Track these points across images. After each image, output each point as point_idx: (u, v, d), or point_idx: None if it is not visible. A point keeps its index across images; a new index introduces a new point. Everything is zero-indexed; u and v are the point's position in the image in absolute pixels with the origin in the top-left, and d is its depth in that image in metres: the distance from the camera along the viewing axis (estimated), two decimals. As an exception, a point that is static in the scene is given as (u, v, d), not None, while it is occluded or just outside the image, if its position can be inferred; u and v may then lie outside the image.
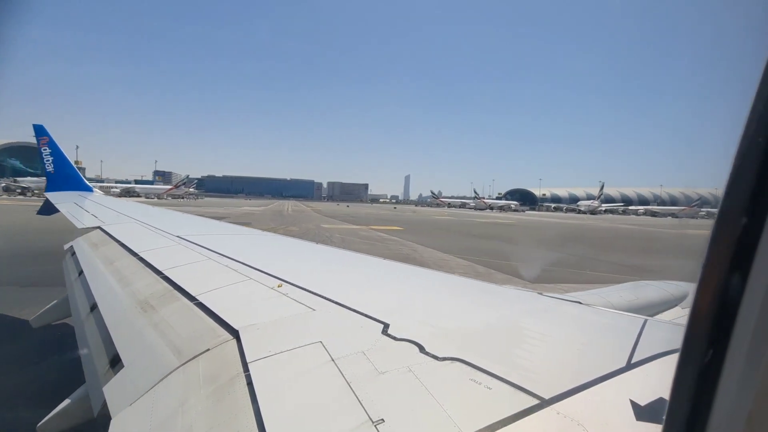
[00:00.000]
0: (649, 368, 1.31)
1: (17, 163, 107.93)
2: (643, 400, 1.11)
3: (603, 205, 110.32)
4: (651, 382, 1.23)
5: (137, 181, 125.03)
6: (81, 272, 3.32)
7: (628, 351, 1.43)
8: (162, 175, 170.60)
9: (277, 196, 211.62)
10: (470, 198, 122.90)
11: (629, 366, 1.32)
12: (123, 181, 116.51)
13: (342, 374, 1.29)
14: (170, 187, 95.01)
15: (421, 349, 1.44)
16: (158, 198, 75.57)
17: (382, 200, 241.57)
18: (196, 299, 2.12)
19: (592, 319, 2.08)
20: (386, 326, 1.65)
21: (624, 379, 1.25)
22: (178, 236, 3.98)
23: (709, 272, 0.62)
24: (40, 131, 12.31)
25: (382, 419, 1.06)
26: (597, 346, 1.65)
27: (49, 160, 11.93)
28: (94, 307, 2.50)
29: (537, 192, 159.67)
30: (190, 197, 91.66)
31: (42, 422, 2.10)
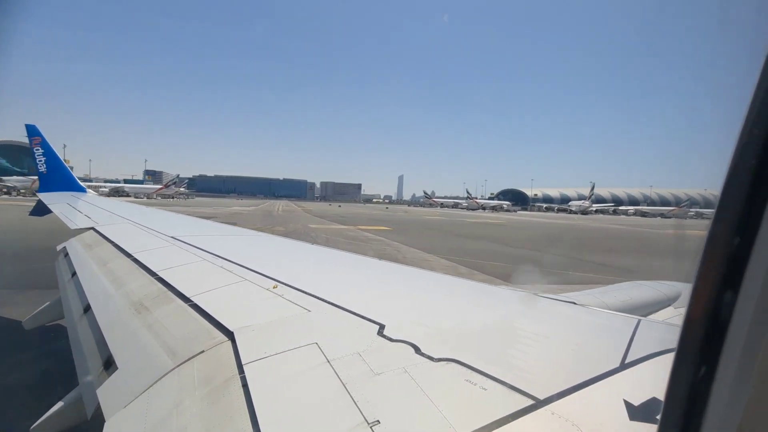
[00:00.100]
0: (643, 368, 1.33)
1: (3, 162, 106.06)
2: (636, 400, 1.12)
3: (594, 205, 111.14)
4: (644, 382, 1.24)
5: (127, 181, 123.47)
6: (74, 273, 3.28)
7: (622, 351, 1.44)
8: (152, 175, 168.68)
9: (269, 196, 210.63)
10: (463, 198, 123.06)
11: (623, 366, 1.33)
12: (113, 180, 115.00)
13: (337, 375, 1.29)
14: (160, 186, 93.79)
15: (417, 350, 1.45)
16: (148, 198, 74.57)
17: (375, 200, 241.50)
18: (190, 300, 2.10)
19: (586, 320, 2.09)
20: (382, 327, 1.66)
21: (618, 379, 1.26)
22: (173, 237, 3.96)
23: (704, 273, 0.63)
24: (32, 131, 12.15)
25: (378, 420, 1.06)
26: (591, 346, 1.67)
27: (41, 161, 11.82)
28: (87, 308, 2.47)
29: (529, 192, 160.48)
30: (181, 197, 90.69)
31: (35, 425, 2.07)
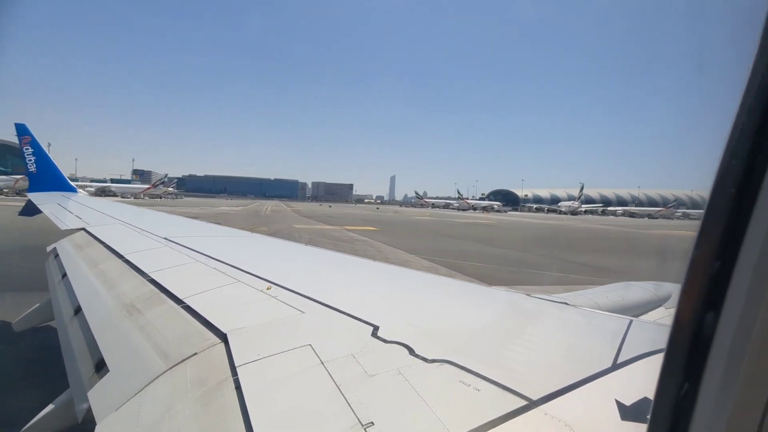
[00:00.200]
0: (634, 368, 1.33)
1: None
2: (628, 400, 1.13)
3: (583, 206, 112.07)
4: (636, 382, 1.25)
5: (114, 180, 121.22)
6: (64, 275, 3.24)
7: (613, 351, 1.45)
8: (141, 175, 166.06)
9: (260, 196, 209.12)
10: (454, 199, 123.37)
11: (615, 366, 1.34)
12: (100, 180, 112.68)
13: (331, 377, 1.28)
14: (148, 186, 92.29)
15: (411, 351, 1.44)
16: (135, 198, 73.26)
17: (367, 200, 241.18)
18: (183, 302, 2.08)
19: (578, 320, 2.11)
20: (376, 329, 1.64)
21: (610, 379, 1.26)
22: (165, 238, 3.92)
23: (693, 274, 0.63)
24: (21, 130, 11.99)
25: (372, 422, 1.06)
26: (584, 346, 1.69)
27: (31, 160, 11.70)
28: (78, 310, 2.44)
29: (519, 193, 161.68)
30: (169, 197, 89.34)
31: (25, 428, 2.03)
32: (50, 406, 2.08)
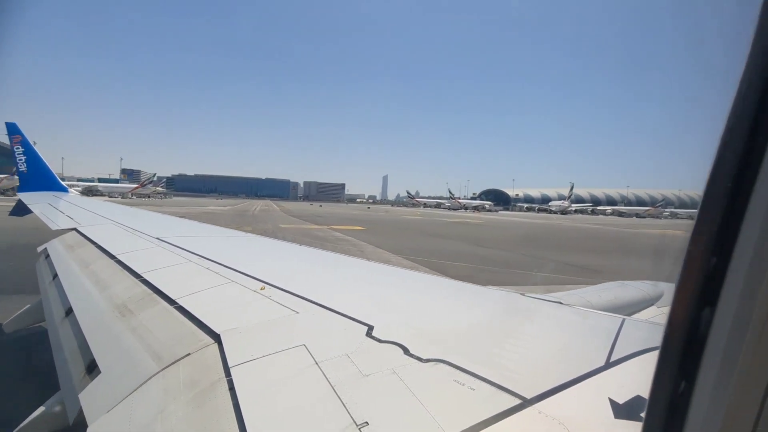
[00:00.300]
0: (627, 367, 1.34)
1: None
2: (621, 398, 1.13)
3: (573, 205, 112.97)
4: (628, 380, 1.25)
5: (102, 180, 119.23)
6: (55, 275, 3.21)
7: (606, 350, 1.45)
8: (129, 174, 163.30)
9: (251, 195, 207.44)
10: (446, 198, 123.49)
11: (608, 365, 1.34)
12: (87, 179, 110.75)
13: (326, 377, 1.28)
14: (136, 185, 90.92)
15: (405, 350, 1.44)
16: (123, 197, 71.91)
17: (359, 200, 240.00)
18: (176, 303, 2.07)
19: (572, 319, 2.12)
20: (370, 328, 1.64)
21: (603, 377, 1.27)
22: (158, 238, 3.89)
23: (688, 271, 0.64)
24: (12, 129, 11.83)
25: (366, 422, 1.06)
26: (577, 345, 1.70)
27: (21, 160, 11.60)
28: (69, 311, 2.42)
29: (511, 192, 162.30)
30: (158, 196, 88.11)
31: (15, 430, 2.00)
32: (41, 409, 2.04)
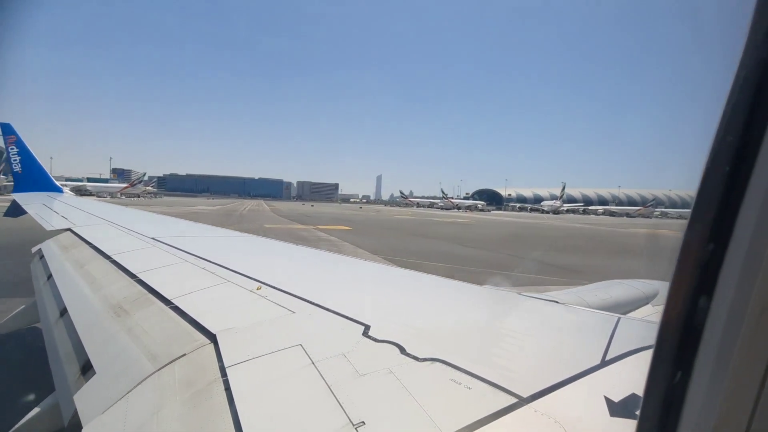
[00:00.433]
0: (622, 365, 1.34)
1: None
2: (616, 397, 1.14)
3: (565, 205, 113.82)
4: (624, 378, 1.26)
5: (90, 179, 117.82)
6: (50, 276, 3.20)
7: (602, 349, 1.46)
8: (120, 173, 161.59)
9: (244, 195, 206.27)
10: (439, 198, 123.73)
11: (603, 363, 1.35)
12: (76, 179, 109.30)
13: (322, 377, 1.28)
14: (125, 185, 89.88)
15: (402, 350, 1.44)
16: (112, 197, 71.21)
17: (352, 200, 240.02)
18: (171, 303, 2.06)
19: (568, 318, 2.12)
20: (367, 328, 1.63)
21: (599, 376, 1.27)
22: (153, 238, 3.88)
23: (681, 272, 0.64)
24: (6, 130, 11.81)
25: (363, 422, 1.06)
26: (573, 344, 1.71)
27: (16, 160, 11.60)
28: (64, 312, 2.41)
29: (503, 192, 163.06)
30: (148, 196, 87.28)
31: None
32: (35, 410, 2.02)
